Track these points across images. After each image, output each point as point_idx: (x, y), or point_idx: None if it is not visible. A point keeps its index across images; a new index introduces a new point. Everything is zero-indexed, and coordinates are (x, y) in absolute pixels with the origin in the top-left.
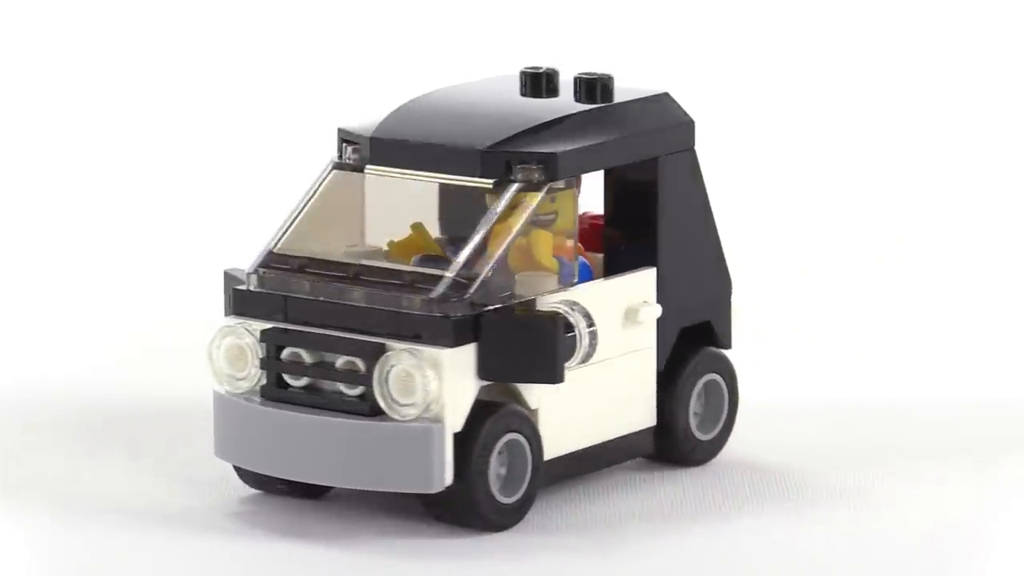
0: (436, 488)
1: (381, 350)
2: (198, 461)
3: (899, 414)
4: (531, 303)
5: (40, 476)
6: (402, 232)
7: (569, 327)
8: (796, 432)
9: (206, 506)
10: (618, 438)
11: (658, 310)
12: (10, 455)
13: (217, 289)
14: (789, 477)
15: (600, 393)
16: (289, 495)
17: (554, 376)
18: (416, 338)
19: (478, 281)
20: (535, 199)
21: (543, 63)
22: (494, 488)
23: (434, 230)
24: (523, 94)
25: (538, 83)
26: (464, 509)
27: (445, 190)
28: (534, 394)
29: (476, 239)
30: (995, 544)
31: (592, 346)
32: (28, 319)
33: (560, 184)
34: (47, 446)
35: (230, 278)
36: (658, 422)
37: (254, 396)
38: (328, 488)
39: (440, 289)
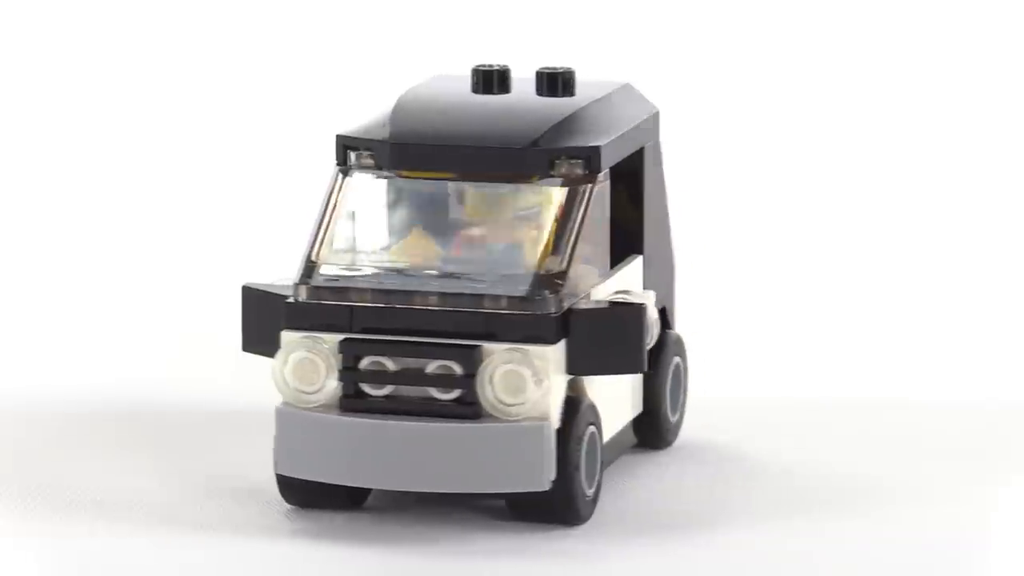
0: (546, 486)
1: (480, 352)
2: (219, 469)
3: (899, 414)
4: (588, 296)
5: (51, 482)
6: (402, 235)
7: None
8: (796, 432)
9: (246, 512)
10: (626, 426)
11: (653, 296)
12: (14, 457)
13: (211, 294)
14: (790, 477)
15: (618, 383)
16: (333, 508)
17: (640, 365)
18: (509, 337)
19: (567, 277)
20: (586, 193)
21: (466, 61)
22: (583, 481)
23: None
24: (475, 91)
25: (491, 80)
26: (562, 505)
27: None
28: (593, 386)
29: (545, 236)
30: (995, 544)
31: (655, 334)
32: (42, 326)
33: (602, 177)
34: (51, 451)
35: (253, 292)
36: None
37: (329, 409)
38: (367, 496)
39: (528, 287)
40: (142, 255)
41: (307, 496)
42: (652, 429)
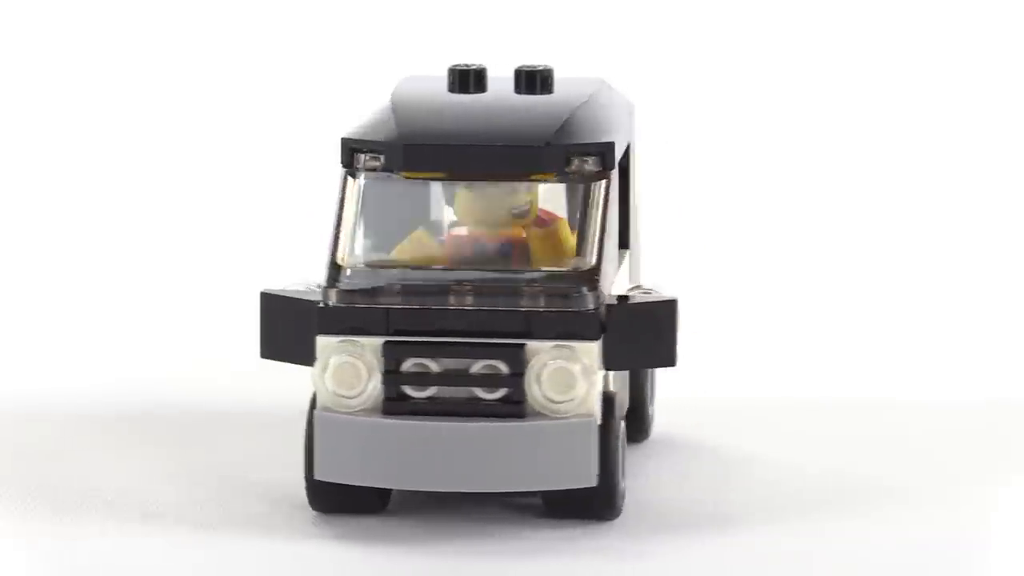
0: (593, 481)
1: (526, 350)
2: (225, 470)
3: (899, 414)
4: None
5: (55, 483)
6: (407, 235)
7: None
8: (795, 432)
9: (248, 512)
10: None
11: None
12: (15, 458)
13: (209, 294)
14: (790, 477)
15: (618, 379)
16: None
17: (673, 359)
18: (549, 335)
19: (601, 272)
20: (603, 189)
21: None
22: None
23: None
24: (451, 91)
25: (467, 80)
26: (603, 500)
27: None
28: (609, 382)
29: (573, 233)
30: (995, 544)
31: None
32: (46, 328)
33: (613, 173)
34: (54, 452)
35: (274, 297)
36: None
37: (371, 413)
38: (389, 497)
39: (567, 284)
40: (143, 256)
41: (337, 501)
42: (635, 423)
